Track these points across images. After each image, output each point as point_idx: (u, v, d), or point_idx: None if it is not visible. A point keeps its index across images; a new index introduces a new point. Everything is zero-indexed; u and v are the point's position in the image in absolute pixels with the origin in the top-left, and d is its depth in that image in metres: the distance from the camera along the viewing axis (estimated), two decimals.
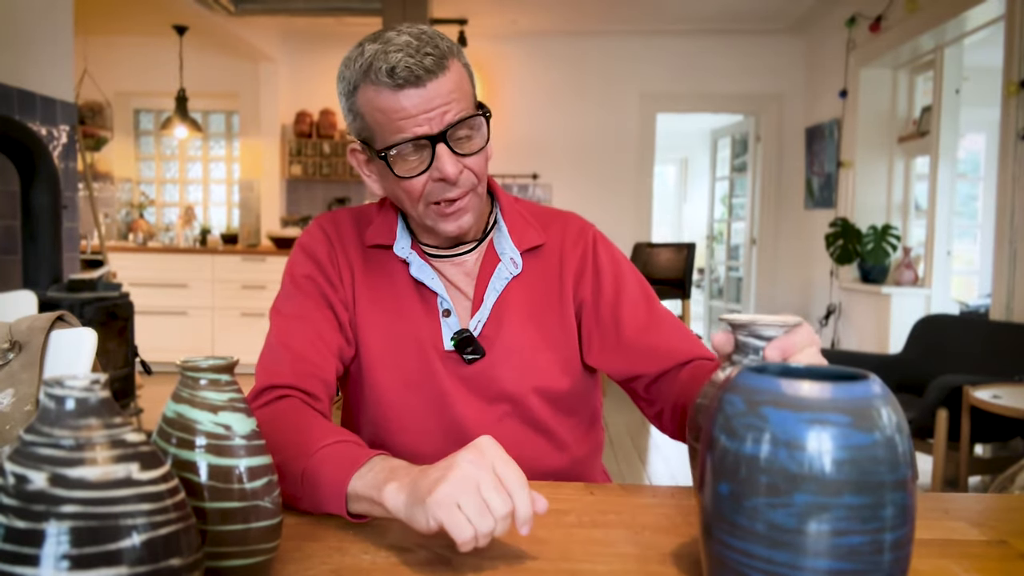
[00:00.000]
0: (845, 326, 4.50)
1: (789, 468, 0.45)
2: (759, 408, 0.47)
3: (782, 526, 0.45)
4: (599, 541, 0.69)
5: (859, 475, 0.44)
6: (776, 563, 0.45)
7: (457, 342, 0.92)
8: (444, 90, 0.82)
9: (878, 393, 0.47)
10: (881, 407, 0.46)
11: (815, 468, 0.44)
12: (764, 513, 0.46)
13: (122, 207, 5.74)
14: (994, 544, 0.70)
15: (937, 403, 2.64)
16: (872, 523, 0.45)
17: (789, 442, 0.45)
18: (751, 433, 0.46)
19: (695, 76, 5.31)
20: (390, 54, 0.81)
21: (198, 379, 0.56)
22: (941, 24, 3.54)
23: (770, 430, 0.46)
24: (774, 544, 0.45)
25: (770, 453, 0.45)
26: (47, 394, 0.43)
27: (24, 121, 2.62)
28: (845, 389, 0.46)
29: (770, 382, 0.47)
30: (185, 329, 4.96)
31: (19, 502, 0.41)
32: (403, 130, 0.83)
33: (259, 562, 0.57)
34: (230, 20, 4.58)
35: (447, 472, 0.60)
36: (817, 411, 0.45)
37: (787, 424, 0.45)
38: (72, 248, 2.96)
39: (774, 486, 0.45)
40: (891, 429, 0.46)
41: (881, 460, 0.45)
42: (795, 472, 0.45)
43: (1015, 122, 3.02)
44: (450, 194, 0.86)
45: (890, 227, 4.09)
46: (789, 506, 0.45)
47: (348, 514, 0.68)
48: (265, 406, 0.82)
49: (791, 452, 0.45)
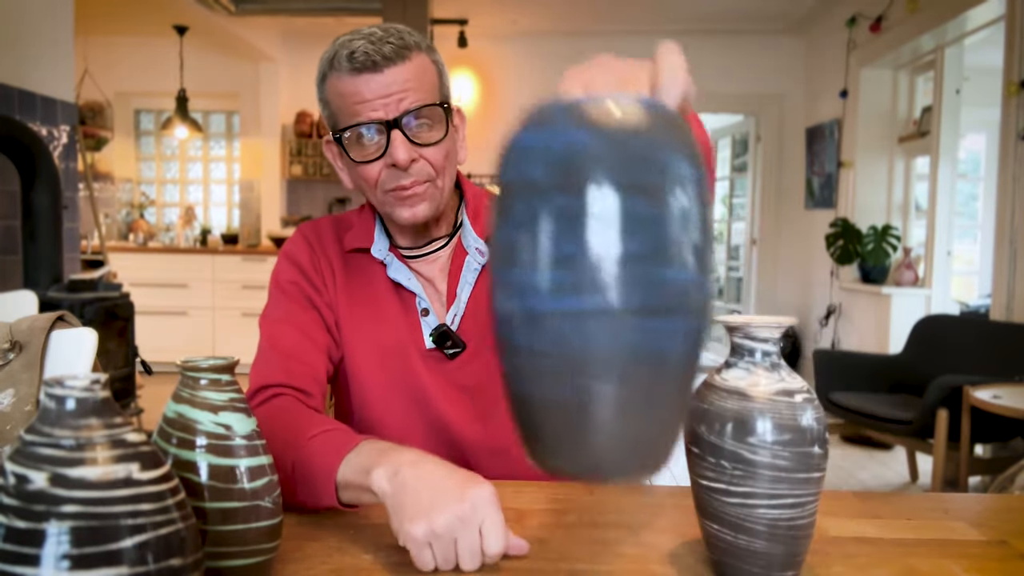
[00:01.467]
0: (845, 326, 4.50)
1: (511, 179, 0.45)
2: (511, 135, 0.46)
3: (510, 243, 0.45)
4: (599, 541, 0.69)
5: (571, 174, 0.42)
6: (519, 283, 0.44)
7: (436, 338, 0.93)
8: (401, 78, 0.83)
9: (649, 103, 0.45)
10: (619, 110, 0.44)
11: (524, 177, 0.44)
12: (501, 231, 0.46)
13: (122, 207, 5.74)
14: (994, 544, 0.70)
15: (937, 403, 2.64)
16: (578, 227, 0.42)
17: (518, 150, 0.45)
18: (503, 161, 0.47)
19: (695, 76, 5.16)
20: (353, 42, 0.83)
21: (198, 379, 0.56)
22: (941, 24, 3.54)
23: (510, 145, 0.46)
24: (509, 262, 0.45)
25: (504, 169, 0.46)
26: (47, 394, 0.43)
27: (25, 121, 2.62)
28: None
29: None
30: (185, 329, 4.97)
31: (19, 502, 0.40)
32: (359, 114, 0.84)
33: (259, 562, 0.57)
34: (230, 20, 4.58)
35: (432, 512, 0.60)
36: (543, 115, 0.45)
37: (521, 135, 0.45)
38: (72, 248, 2.96)
39: (505, 201, 0.45)
40: (606, 125, 0.44)
41: (592, 159, 0.42)
42: (514, 182, 0.45)
43: (1015, 122, 3.02)
44: (403, 181, 0.86)
45: (890, 227, 4.09)
46: (511, 217, 0.45)
47: (339, 502, 0.69)
48: (259, 405, 0.83)
49: (516, 161, 0.45)
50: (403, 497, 0.62)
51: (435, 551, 0.60)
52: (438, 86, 0.88)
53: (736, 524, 0.58)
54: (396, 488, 0.63)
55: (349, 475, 0.67)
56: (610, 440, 0.44)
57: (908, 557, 0.67)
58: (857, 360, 3.40)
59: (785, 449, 0.57)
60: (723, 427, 0.58)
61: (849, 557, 0.66)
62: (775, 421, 0.57)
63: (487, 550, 0.61)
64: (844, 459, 3.47)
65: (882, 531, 0.73)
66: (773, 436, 0.57)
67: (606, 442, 0.44)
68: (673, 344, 0.44)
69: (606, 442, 0.44)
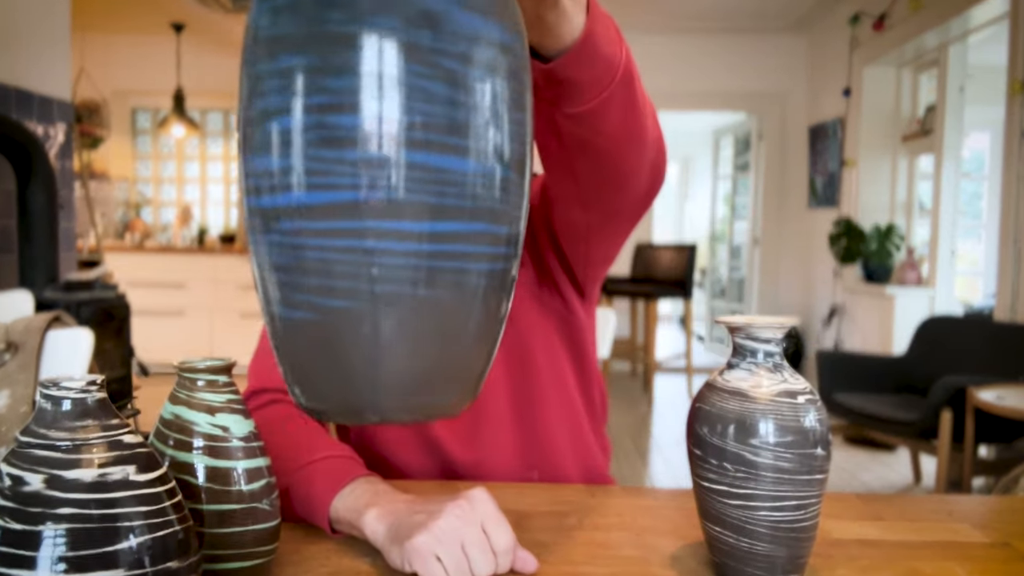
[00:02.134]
0: (848, 326, 4.49)
1: (246, 32, 0.37)
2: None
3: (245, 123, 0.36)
4: (600, 544, 0.69)
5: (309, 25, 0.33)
6: (253, 173, 0.36)
7: None
8: None
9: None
10: None
11: (261, 31, 0.35)
12: (247, 107, 0.36)
13: (119, 206, 5.74)
14: (998, 546, 0.70)
15: (941, 404, 2.63)
16: (330, 96, 0.33)
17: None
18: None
19: (697, 74, 5.30)
20: None
21: (195, 380, 0.56)
22: (945, 22, 3.53)
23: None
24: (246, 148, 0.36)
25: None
26: (43, 395, 0.43)
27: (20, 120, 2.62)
28: None
29: None
30: (182, 330, 4.96)
31: (15, 504, 0.40)
32: None
33: (257, 565, 0.56)
34: (228, 18, 4.57)
35: (430, 520, 0.58)
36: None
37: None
38: (68, 248, 2.95)
39: (245, 74, 0.36)
40: None
41: (346, 3, 0.33)
42: (248, 35, 0.36)
43: (1020, 121, 3.01)
44: None
45: (894, 227, 4.08)
46: (252, 84, 0.35)
47: (332, 531, 0.67)
48: (256, 410, 0.82)
49: (250, 14, 0.36)
50: (398, 525, 0.60)
51: (443, 560, 0.56)
52: None
53: (738, 526, 0.58)
54: (390, 522, 0.61)
55: (342, 512, 0.66)
56: (379, 376, 0.36)
57: (911, 559, 0.66)
58: (860, 361, 3.40)
59: (788, 451, 0.56)
60: (725, 429, 0.58)
61: (852, 559, 0.66)
62: (777, 422, 0.57)
63: (496, 545, 0.58)
64: (847, 460, 3.47)
65: (885, 533, 0.72)
66: (776, 438, 0.56)
67: (374, 377, 0.36)
68: (464, 260, 0.35)
69: (374, 377, 0.36)
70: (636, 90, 0.64)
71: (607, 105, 0.61)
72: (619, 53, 0.60)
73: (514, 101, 0.37)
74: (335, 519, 0.66)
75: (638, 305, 5.16)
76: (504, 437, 0.91)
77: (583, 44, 0.56)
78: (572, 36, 0.55)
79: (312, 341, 0.36)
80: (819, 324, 4.81)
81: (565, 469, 0.93)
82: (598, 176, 0.71)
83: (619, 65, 0.60)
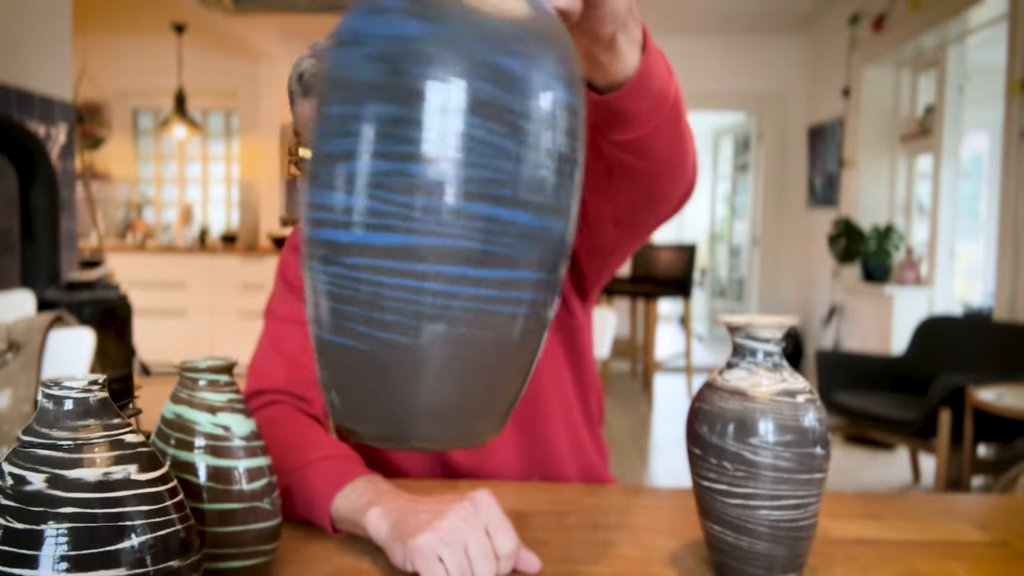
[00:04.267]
0: (848, 326, 4.50)
1: (328, 75, 0.37)
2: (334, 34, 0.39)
3: (321, 155, 0.37)
4: (601, 543, 0.69)
5: (391, 75, 0.34)
6: (317, 205, 0.37)
7: None
8: None
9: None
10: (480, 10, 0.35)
11: (342, 74, 0.36)
12: (315, 146, 0.38)
13: (120, 207, 5.74)
14: (997, 545, 0.70)
15: (940, 403, 2.63)
16: (404, 146, 0.35)
17: (339, 42, 0.37)
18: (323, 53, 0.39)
19: (697, 75, 5.31)
20: (303, 61, 0.80)
21: (197, 380, 0.56)
22: (944, 23, 3.54)
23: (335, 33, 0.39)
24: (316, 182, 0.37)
25: (330, 59, 0.38)
26: (45, 395, 0.43)
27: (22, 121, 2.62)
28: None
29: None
30: (184, 330, 4.96)
31: (17, 503, 0.40)
32: None
33: (258, 564, 0.57)
34: (229, 18, 4.57)
35: (435, 520, 0.58)
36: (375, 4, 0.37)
37: (350, 24, 0.38)
38: (70, 248, 2.95)
39: (320, 112, 0.38)
40: (454, 17, 0.35)
41: (427, 58, 0.34)
42: (328, 76, 0.37)
43: (1018, 121, 3.01)
44: None
45: (893, 227, 4.09)
46: (323, 127, 0.37)
47: (334, 530, 0.67)
48: (255, 411, 0.81)
49: (330, 56, 0.37)
50: (402, 523, 0.60)
51: (445, 562, 0.56)
52: None
53: (738, 525, 0.58)
54: (393, 520, 0.61)
55: (343, 511, 0.66)
56: (418, 407, 0.38)
57: (911, 558, 0.66)
58: (859, 360, 3.40)
59: (787, 450, 0.56)
60: (725, 428, 0.58)
61: (851, 558, 0.66)
62: (777, 422, 0.57)
63: (500, 549, 0.58)
64: (846, 460, 3.47)
65: (884, 532, 0.72)
66: (775, 437, 0.56)
67: (413, 406, 0.38)
68: (509, 304, 0.37)
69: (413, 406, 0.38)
70: (682, 119, 0.65)
71: (655, 134, 0.62)
72: (670, 86, 0.61)
73: (570, 157, 0.39)
74: (336, 518, 0.66)
75: (638, 305, 5.16)
76: (504, 441, 0.91)
77: (636, 81, 0.57)
78: (626, 74, 0.56)
79: (357, 367, 0.38)
80: (818, 324, 4.81)
81: (565, 472, 0.94)
82: (637, 198, 0.73)
83: (669, 98, 0.61)
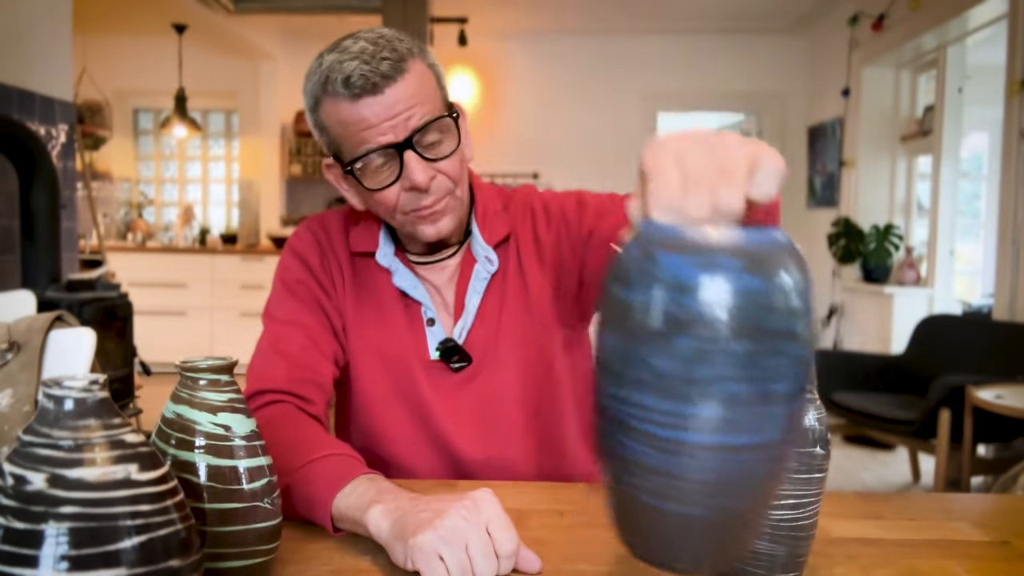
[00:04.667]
0: (847, 326, 4.50)
1: (675, 313, 0.42)
2: (653, 253, 0.43)
3: (667, 373, 0.42)
4: (600, 541, 0.69)
5: (745, 321, 0.41)
6: (662, 412, 0.43)
7: (443, 352, 0.90)
8: (405, 95, 0.79)
9: (780, 242, 0.44)
10: (779, 256, 0.43)
11: (700, 313, 0.41)
12: (650, 360, 0.43)
13: (121, 207, 5.74)
14: (996, 545, 0.70)
15: (940, 403, 2.63)
16: (756, 372, 0.42)
17: (677, 286, 0.42)
18: (642, 278, 0.43)
19: (696, 75, 5.31)
20: (344, 63, 0.78)
21: (197, 380, 0.56)
22: (944, 23, 3.54)
23: (660, 274, 0.43)
24: (660, 392, 0.43)
25: (658, 298, 0.42)
26: (46, 394, 0.43)
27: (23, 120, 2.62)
28: (743, 235, 0.43)
29: (669, 228, 0.44)
30: (184, 329, 4.96)
31: (17, 503, 0.40)
32: (367, 141, 0.80)
33: (259, 563, 0.57)
34: (229, 19, 4.57)
35: (436, 518, 0.58)
36: (710, 254, 0.42)
37: (676, 267, 0.42)
38: (71, 248, 2.95)
39: (659, 332, 0.42)
40: (787, 277, 0.42)
41: (770, 308, 0.42)
42: (680, 317, 0.42)
43: (1018, 121, 3.01)
44: (424, 202, 0.83)
45: (892, 226, 4.09)
46: (673, 352, 0.42)
47: (335, 530, 0.67)
48: (255, 411, 0.81)
49: (678, 296, 0.42)
50: (403, 521, 0.60)
51: (446, 561, 0.57)
52: (438, 91, 0.85)
53: None
54: (395, 519, 0.61)
55: (344, 509, 0.66)
56: (689, 556, 0.47)
57: (910, 558, 0.66)
58: (859, 360, 3.40)
59: None
60: None
61: (851, 558, 0.66)
62: None
63: (500, 550, 0.58)
64: (846, 459, 3.47)
65: (884, 532, 0.73)
66: None
67: (686, 557, 0.47)
68: (771, 466, 0.47)
69: (686, 557, 0.47)
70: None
71: None
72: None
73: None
74: (337, 516, 0.66)
75: None
76: (516, 442, 0.92)
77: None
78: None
79: (643, 513, 0.46)
80: (818, 323, 4.81)
81: (574, 473, 0.95)
82: None
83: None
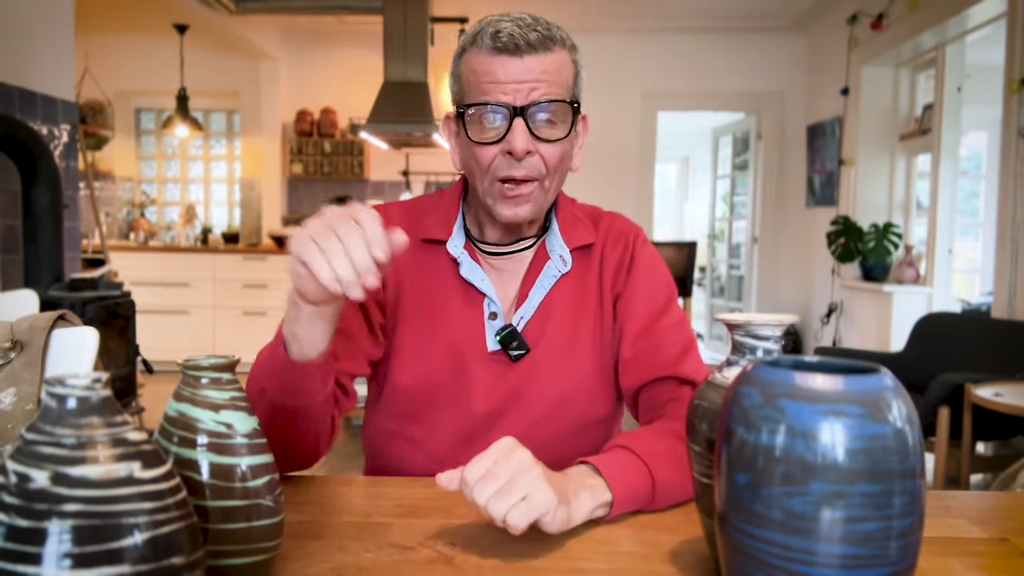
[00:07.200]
0: (846, 324, 4.50)
1: (805, 458, 0.46)
2: (775, 400, 0.48)
3: (798, 513, 0.47)
4: (601, 539, 0.69)
5: (871, 464, 0.46)
6: (792, 549, 0.47)
7: (503, 338, 0.90)
8: (539, 67, 0.83)
9: (890, 386, 0.48)
10: (892, 399, 0.48)
11: (830, 458, 0.46)
12: (781, 501, 0.47)
13: (123, 206, 5.74)
14: (995, 542, 0.70)
15: (939, 401, 2.63)
16: (884, 510, 0.46)
17: (805, 433, 0.47)
18: (768, 424, 0.48)
19: (696, 74, 5.31)
20: (500, 22, 0.84)
21: (199, 378, 0.56)
22: (943, 22, 3.54)
23: (786, 421, 0.47)
24: (790, 531, 0.47)
25: (787, 443, 0.47)
26: (49, 393, 0.43)
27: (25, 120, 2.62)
28: (858, 382, 0.48)
29: (786, 375, 0.49)
30: (186, 328, 4.97)
31: (21, 501, 0.41)
32: (487, 93, 0.83)
33: (260, 560, 0.57)
34: (231, 19, 4.57)
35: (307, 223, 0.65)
36: (832, 403, 0.47)
37: (803, 415, 0.47)
38: (73, 247, 2.96)
39: (790, 475, 0.47)
40: (902, 420, 0.47)
41: (892, 450, 0.46)
42: (811, 461, 0.46)
43: (1017, 119, 3.01)
44: (515, 172, 0.84)
45: (892, 225, 4.09)
46: (805, 494, 0.46)
47: (294, 356, 0.73)
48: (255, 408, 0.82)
49: (807, 442, 0.46)
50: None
51: (318, 242, 0.62)
52: (571, 85, 0.87)
53: None
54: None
55: (284, 328, 0.73)
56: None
57: None
58: (858, 358, 3.39)
59: None
60: None
61: None
62: None
63: (368, 234, 0.62)
64: None
65: None
66: None
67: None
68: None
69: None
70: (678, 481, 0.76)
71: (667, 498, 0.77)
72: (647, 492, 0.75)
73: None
74: (287, 334, 0.72)
75: None
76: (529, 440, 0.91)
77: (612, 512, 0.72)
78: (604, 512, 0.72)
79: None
80: (818, 322, 4.81)
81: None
82: None
83: (650, 493, 0.75)
